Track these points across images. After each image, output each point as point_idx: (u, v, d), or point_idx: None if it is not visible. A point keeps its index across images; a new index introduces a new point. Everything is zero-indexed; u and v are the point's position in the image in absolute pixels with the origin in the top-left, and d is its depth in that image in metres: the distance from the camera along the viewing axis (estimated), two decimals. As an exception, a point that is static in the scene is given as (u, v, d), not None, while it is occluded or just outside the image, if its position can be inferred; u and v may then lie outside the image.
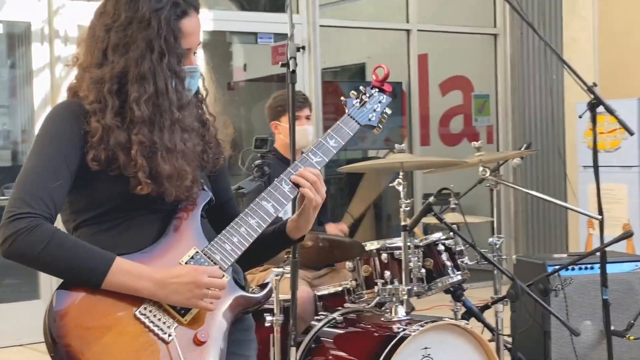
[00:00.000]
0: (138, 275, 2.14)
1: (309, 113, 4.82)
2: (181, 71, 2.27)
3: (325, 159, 2.41)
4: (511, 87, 9.03)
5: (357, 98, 2.56)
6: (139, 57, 2.21)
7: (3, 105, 12.02)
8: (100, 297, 2.13)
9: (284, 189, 2.34)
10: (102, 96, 2.21)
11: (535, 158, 8.92)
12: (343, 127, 2.47)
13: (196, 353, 2.17)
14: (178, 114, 2.25)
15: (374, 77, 2.60)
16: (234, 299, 2.27)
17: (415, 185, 8.71)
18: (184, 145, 2.26)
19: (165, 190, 2.21)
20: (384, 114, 2.58)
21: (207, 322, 2.21)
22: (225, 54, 10.50)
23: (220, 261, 2.25)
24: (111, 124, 2.20)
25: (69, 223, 2.31)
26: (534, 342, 4.83)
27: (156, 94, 2.22)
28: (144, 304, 2.16)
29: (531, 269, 4.95)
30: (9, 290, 8.00)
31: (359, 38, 10.32)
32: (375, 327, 3.84)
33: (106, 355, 2.08)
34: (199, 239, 2.29)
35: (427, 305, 6.15)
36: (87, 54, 2.28)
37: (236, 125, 10.28)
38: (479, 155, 4.35)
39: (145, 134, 2.20)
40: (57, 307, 2.10)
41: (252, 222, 2.29)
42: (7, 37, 7.67)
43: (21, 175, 2.18)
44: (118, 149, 2.19)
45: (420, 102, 9.12)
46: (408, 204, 3.92)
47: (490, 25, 9.26)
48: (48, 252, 2.09)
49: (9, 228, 2.09)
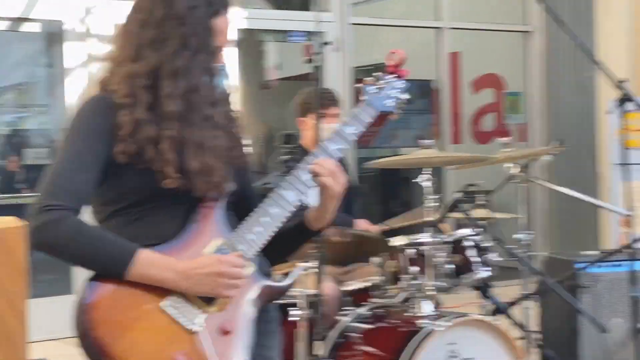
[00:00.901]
0: (161, 267, 2.17)
1: (338, 111, 4.82)
2: (214, 68, 2.31)
3: (343, 146, 2.42)
4: (543, 84, 8.97)
5: (373, 84, 2.57)
6: (173, 53, 2.25)
7: (41, 105, 12.17)
8: (129, 289, 2.16)
9: (303, 178, 2.36)
10: (135, 90, 2.24)
11: (568, 155, 8.85)
12: (360, 114, 2.49)
13: (223, 343, 2.19)
14: (210, 110, 2.29)
15: (389, 63, 2.61)
16: (260, 288, 2.30)
17: (446, 183, 8.69)
18: (214, 142, 2.29)
19: (194, 186, 2.24)
20: (401, 99, 2.59)
21: (233, 312, 2.24)
22: (259, 53, 10.55)
23: (244, 251, 2.27)
24: (142, 118, 2.22)
25: (98, 214, 2.34)
26: (563, 339, 4.80)
27: (189, 90, 2.25)
28: (170, 296, 2.18)
29: (560, 265, 4.92)
30: (43, 285, 8.10)
31: (391, 36, 10.32)
32: (401, 323, 3.85)
33: (134, 348, 2.11)
34: (223, 229, 2.31)
35: (456, 303, 6.14)
36: (121, 48, 2.31)
37: (270, 124, 10.37)
38: (506, 151, 4.33)
39: (175, 130, 2.23)
40: (87, 299, 2.13)
41: (273, 211, 2.31)
42: (43, 36, 7.77)
43: (51, 168, 2.22)
44: (147, 143, 2.22)
45: (452, 100, 9.11)
46: (434, 199, 3.93)
47: (522, 23, 9.21)
48: (74, 243, 2.14)
49: (38, 219, 2.14)
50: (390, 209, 9.85)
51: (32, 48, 10.49)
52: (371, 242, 4.15)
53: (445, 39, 8.81)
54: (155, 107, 2.25)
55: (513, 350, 3.78)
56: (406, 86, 2.60)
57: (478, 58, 9.80)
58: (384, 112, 2.55)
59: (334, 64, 7.92)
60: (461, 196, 3.99)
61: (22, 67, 11.87)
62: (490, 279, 4.27)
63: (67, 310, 2.20)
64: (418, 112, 9.64)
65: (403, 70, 2.61)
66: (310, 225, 2.46)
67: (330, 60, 7.88)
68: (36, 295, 7.23)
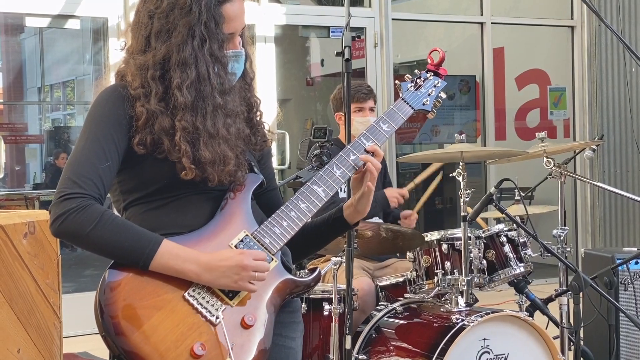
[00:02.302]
0: (184, 258, 2.16)
1: (373, 105, 4.82)
2: (223, 56, 2.29)
3: (378, 143, 2.39)
4: (588, 79, 8.87)
5: (412, 82, 2.54)
6: (181, 43, 2.24)
7: (88, 102, 12.32)
8: (150, 277, 2.16)
9: (336, 174, 2.34)
10: (146, 82, 2.25)
11: (613, 151, 8.76)
12: (396, 112, 2.47)
13: (243, 336, 2.19)
14: (220, 99, 2.27)
15: (429, 61, 2.58)
16: (282, 282, 2.28)
17: (488, 178, 8.65)
18: (227, 130, 2.28)
19: (208, 176, 2.24)
20: (439, 98, 2.55)
21: (255, 305, 2.23)
22: (302, 49, 10.57)
23: (269, 245, 2.26)
24: (155, 109, 2.23)
25: (118, 203, 2.35)
26: (600, 336, 4.76)
27: (198, 79, 2.24)
28: (193, 286, 2.18)
29: (599, 262, 4.87)
30: (88, 280, 8.23)
31: (434, 32, 10.28)
32: (434, 318, 3.84)
33: (154, 335, 2.11)
34: (249, 221, 2.30)
35: (493, 301, 6.12)
36: (133, 39, 2.32)
37: (314, 121, 10.35)
38: (543, 146, 4.29)
39: (188, 120, 2.23)
40: (108, 286, 2.13)
41: (302, 206, 2.30)
42: (85, 33, 7.86)
43: (72, 156, 2.22)
44: (162, 134, 2.23)
45: (496, 96, 9.04)
46: (468, 194, 3.91)
47: (567, 17, 9.11)
48: (97, 232, 2.12)
49: (60, 207, 2.13)
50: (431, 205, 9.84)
51: (78, 45, 10.64)
52: (406, 237, 4.14)
53: (488, 34, 8.75)
54: (167, 97, 2.25)
55: (548, 347, 3.75)
56: (445, 85, 2.57)
57: (522, 53, 9.71)
58: (421, 110, 2.53)
59: (375, 60, 7.91)
60: (496, 192, 3.96)
61: (68, 64, 12.06)
62: (526, 275, 4.25)
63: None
64: (462, 108, 9.60)
65: (443, 69, 2.58)
66: (349, 218, 2.45)
67: (371, 56, 7.87)
68: (82, 289, 7.36)
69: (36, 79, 12.72)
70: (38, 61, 12.44)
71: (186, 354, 2.11)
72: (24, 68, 12.28)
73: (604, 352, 4.69)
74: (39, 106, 12.97)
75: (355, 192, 2.40)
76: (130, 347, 2.09)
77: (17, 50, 11.86)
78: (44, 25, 7.54)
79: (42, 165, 11.40)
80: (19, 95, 12.36)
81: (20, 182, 10.91)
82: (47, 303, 3.09)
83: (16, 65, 12.06)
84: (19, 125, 11.21)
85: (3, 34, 10.87)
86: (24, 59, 12.33)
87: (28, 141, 11.26)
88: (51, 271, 3.17)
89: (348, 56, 2.80)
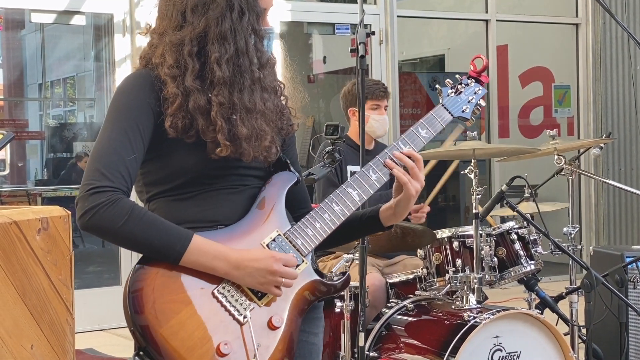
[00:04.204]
0: (214, 255, 2.13)
1: (387, 104, 4.83)
2: (260, 29, 2.26)
3: (415, 148, 2.34)
4: (593, 77, 8.86)
5: (453, 87, 2.49)
6: (219, 16, 2.20)
7: (90, 98, 12.32)
8: (180, 272, 2.12)
9: (372, 178, 2.30)
10: (183, 59, 2.19)
11: (618, 149, 8.75)
12: (435, 118, 2.41)
13: (269, 337, 2.16)
14: (258, 73, 2.24)
15: (472, 68, 2.53)
16: (310, 284, 2.25)
17: (493, 176, 8.63)
18: (264, 105, 2.24)
19: (243, 152, 2.20)
20: (478, 105, 2.50)
21: (283, 307, 2.20)
22: (305, 46, 10.55)
23: (301, 246, 2.23)
24: (191, 87, 2.18)
25: (142, 194, 2.31)
26: (609, 334, 4.74)
27: (237, 53, 2.20)
28: (223, 283, 2.15)
29: (608, 259, 4.86)
30: (91, 276, 8.23)
31: (438, 29, 10.27)
32: (446, 315, 3.83)
33: (182, 331, 2.08)
34: (282, 221, 2.27)
35: (499, 299, 6.10)
36: (164, 18, 2.27)
37: (316, 118, 10.34)
38: (554, 143, 4.28)
39: (225, 95, 2.19)
40: (137, 280, 2.10)
41: (336, 208, 2.26)
42: (91, 29, 7.84)
43: (97, 146, 2.16)
44: (197, 112, 2.17)
45: (500, 93, 9.03)
46: (480, 191, 3.90)
47: (572, 15, 9.10)
48: (127, 227, 2.08)
49: (89, 201, 2.08)
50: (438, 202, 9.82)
51: (79, 42, 10.62)
52: (417, 234, 4.13)
53: (493, 32, 8.74)
54: (203, 74, 2.20)
55: (559, 344, 3.74)
56: (485, 93, 2.53)
57: (526, 51, 9.70)
58: (460, 118, 2.47)
59: (380, 57, 7.89)
60: (507, 189, 3.95)
61: (71, 60, 12.03)
62: (536, 273, 4.24)
63: (114, 301, 2.17)
64: (465, 106, 9.57)
65: (485, 77, 2.53)
66: (385, 221, 2.41)
67: (376, 53, 7.85)
68: (86, 285, 7.38)
69: (37, 75, 12.69)
70: (39, 57, 12.41)
71: (212, 351, 2.09)
72: (24, 64, 12.26)
73: (613, 350, 4.68)
74: (39, 103, 12.95)
75: (395, 195, 2.36)
76: (157, 340, 2.06)
77: (18, 46, 11.84)
78: (50, 21, 7.51)
79: (43, 161, 11.39)
80: (19, 92, 12.33)
81: (22, 178, 10.90)
82: (60, 299, 3.07)
83: (17, 62, 12.04)
84: (19, 122, 11.20)
85: (4, 30, 10.85)
86: (25, 56, 12.31)
87: (29, 137, 11.25)
88: (64, 267, 3.14)
89: (363, 53, 2.77)
